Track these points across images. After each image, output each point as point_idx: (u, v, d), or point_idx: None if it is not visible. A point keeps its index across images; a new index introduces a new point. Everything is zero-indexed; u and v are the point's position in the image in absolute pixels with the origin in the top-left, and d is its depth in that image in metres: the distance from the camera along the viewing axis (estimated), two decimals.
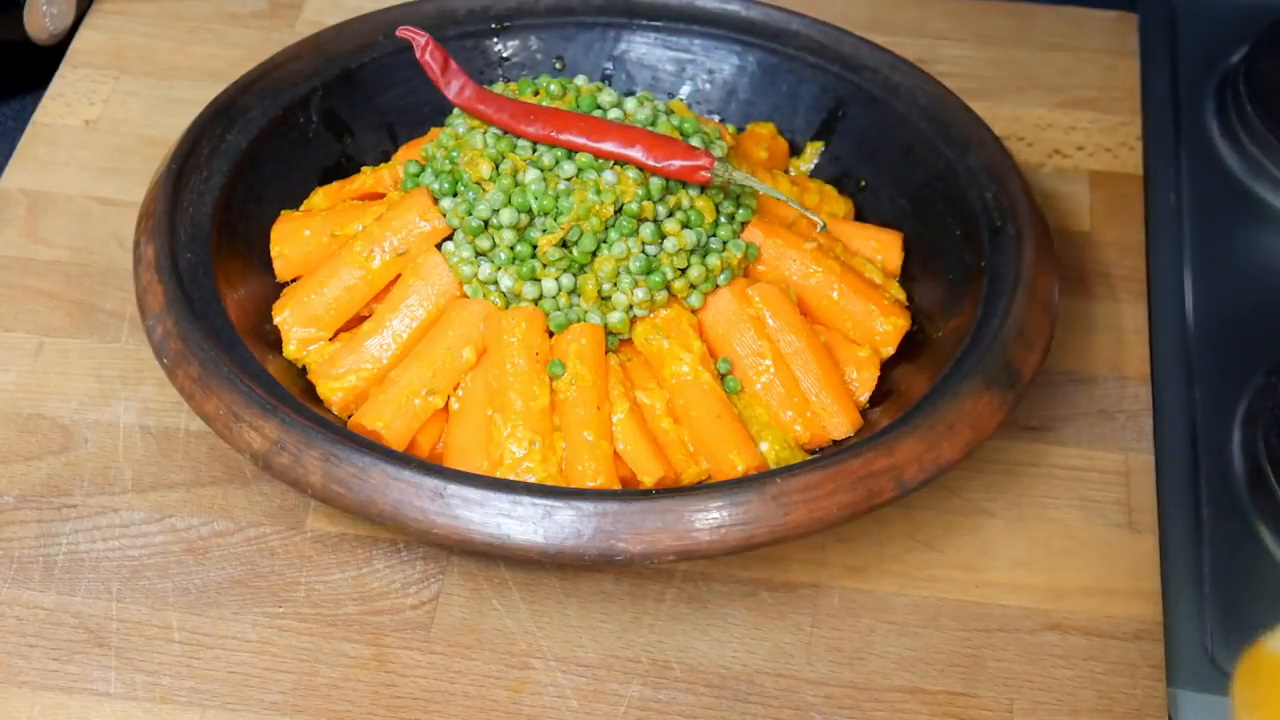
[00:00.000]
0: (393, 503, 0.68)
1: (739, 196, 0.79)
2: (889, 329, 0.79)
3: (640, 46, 0.89)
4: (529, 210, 0.76)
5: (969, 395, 0.72)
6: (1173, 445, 0.80)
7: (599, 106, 0.80)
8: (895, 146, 0.85)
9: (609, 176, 0.76)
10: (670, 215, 0.77)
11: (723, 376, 0.76)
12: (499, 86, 0.82)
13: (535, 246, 0.75)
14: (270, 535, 0.75)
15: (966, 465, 0.77)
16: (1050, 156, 0.93)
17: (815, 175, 0.87)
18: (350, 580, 0.74)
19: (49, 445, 0.78)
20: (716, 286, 0.77)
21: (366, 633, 0.72)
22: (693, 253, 0.77)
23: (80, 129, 0.92)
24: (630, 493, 0.69)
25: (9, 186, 0.89)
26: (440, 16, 0.87)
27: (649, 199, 0.76)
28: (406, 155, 0.83)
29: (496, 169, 0.77)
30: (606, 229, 0.76)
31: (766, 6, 0.88)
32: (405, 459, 0.69)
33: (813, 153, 0.87)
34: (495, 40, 0.88)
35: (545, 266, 0.75)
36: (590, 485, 0.72)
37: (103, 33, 0.98)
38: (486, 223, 0.76)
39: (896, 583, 0.75)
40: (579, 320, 0.75)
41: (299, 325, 0.78)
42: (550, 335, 0.75)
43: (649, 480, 0.73)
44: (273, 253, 0.81)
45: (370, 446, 0.70)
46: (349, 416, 0.76)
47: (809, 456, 0.76)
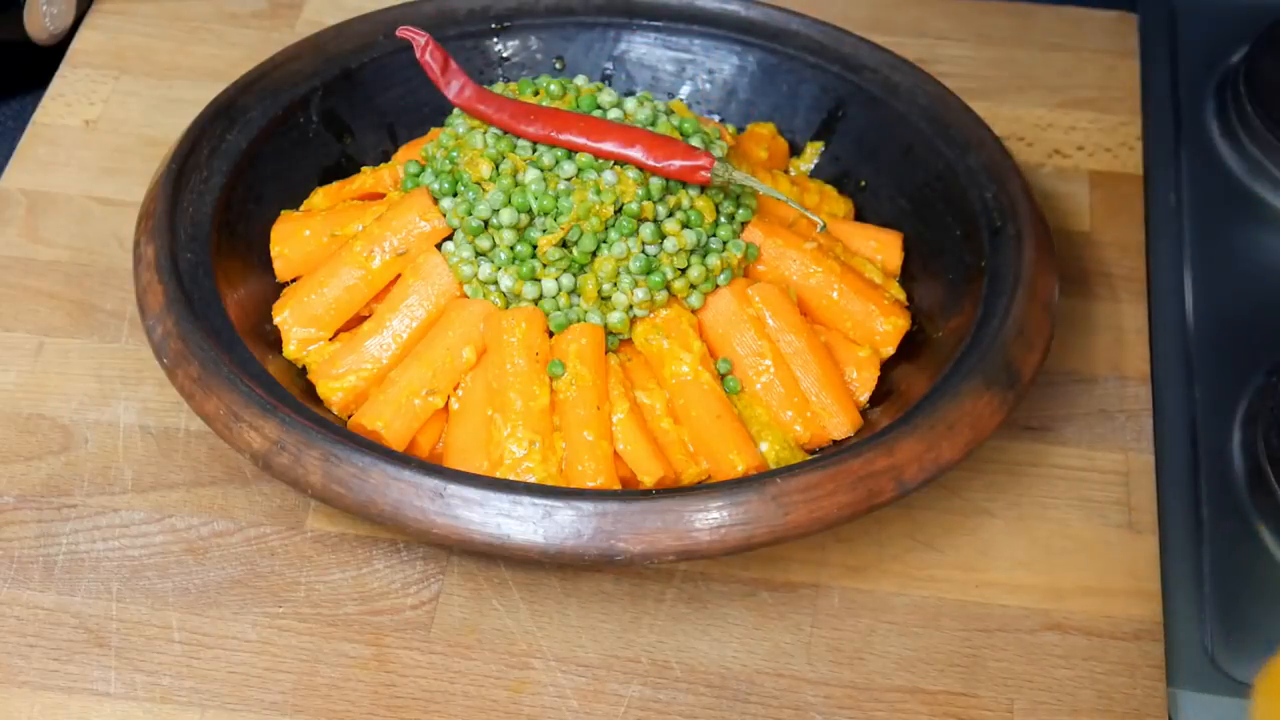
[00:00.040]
0: (393, 503, 0.68)
1: (739, 196, 0.79)
2: (889, 329, 0.79)
3: (640, 46, 0.89)
4: (529, 210, 0.76)
5: (969, 395, 0.72)
6: (1173, 445, 0.80)
7: (599, 106, 0.80)
8: (895, 146, 0.85)
9: (609, 176, 0.76)
10: (670, 215, 0.77)
11: (723, 376, 0.76)
12: (499, 86, 0.82)
13: (535, 246, 0.75)
14: (270, 535, 0.75)
15: (966, 465, 0.77)
16: (1050, 156, 0.93)
17: (815, 175, 0.87)
18: (350, 580, 0.74)
19: (49, 445, 0.78)
20: (716, 286, 0.77)
21: (366, 633, 0.72)
22: (693, 253, 0.77)
23: (80, 129, 0.92)
24: (630, 493, 0.69)
25: (9, 186, 0.89)
26: (440, 16, 0.87)
27: (649, 199, 0.76)
28: (406, 155, 0.83)
29: (496, 169, 0.77)
30: (606, 229, 0.76)
31: (766, 6, 0.88)
32: (405, 459, 0.69)
33: (813, 153, 0.87)
34: (495, 40, 0.88)
35: (545, 266, 0.75)
36: (590, 485, 0.72)
37: (103, 33, 0.98)
38: (486, 223, 0.76)
39: (896, 583, 0.75)
40: (579, 320, 0.75)
41: (299, 325, 0.78)
42: (550, 335, 0.75)
43: (649, 480, 0.73)
44: (273, 253, 0.81)
45: (370, 446, 0.70)
46: (349, 416, 0.76)
47: (809, 456, 0.76)
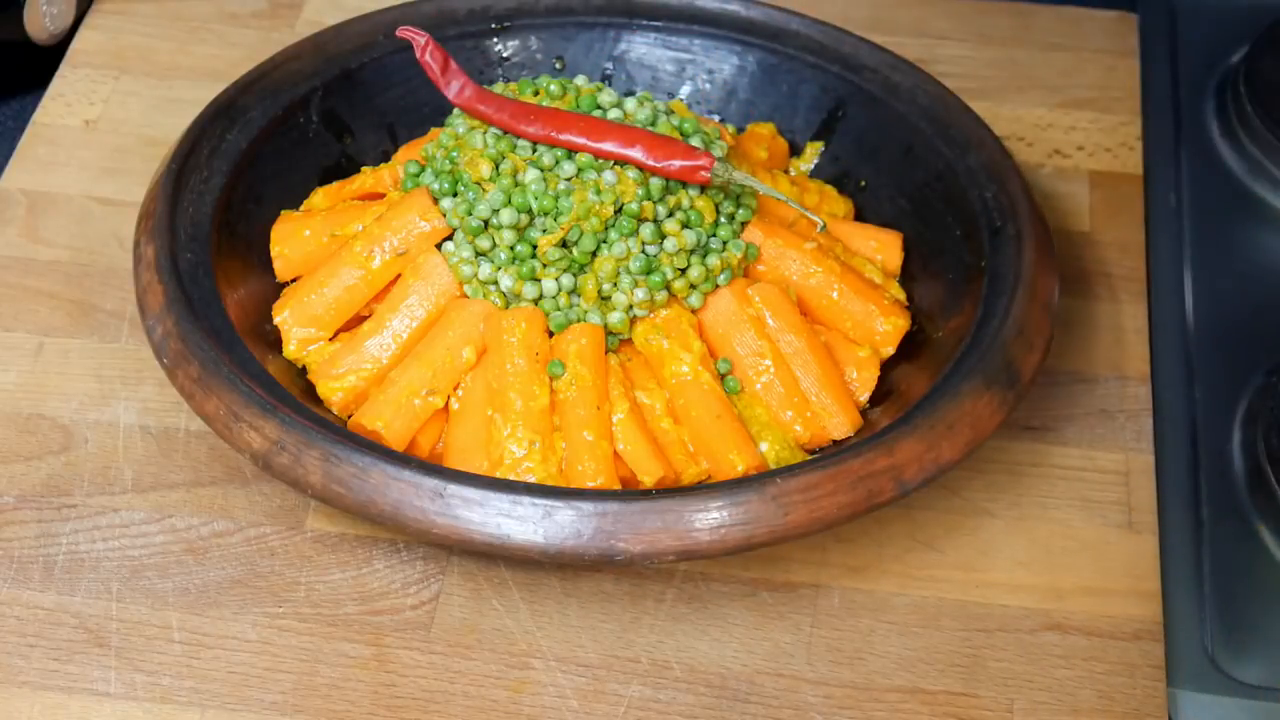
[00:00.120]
0: (393, 503, 0.68)
1: (739, 196, 0.79)
2: (889, 329, 0.79)
3: (640, 46, 0.89)
4: (529, 210, 0.76)
5: (969, 395, 0.72)
6: (1173, 445, 0.80)
7: (599, 106, 0.80)
8: (895, 146, 0.85)
9: (609, 176, 0.76)
10: (670, 215, 0.77)
11: (723, 376, 0.76)
12: (499, 86, 0.82)
13: (535, 246, 0.75)
14: (270, 535, 0.75)
15: (967, 465, 0.77)
16: (1050, 156, 0.93)
17: (815, 175, 0.87)
18: (350, 580, 0.74)
19: (49, 445, 0.78)
20: (716, 286, 0.77)
21: (366, 633, 0.72)
22: (693, 253, 0.77)
23: (80, 129, 0.92)
24: (630, 493, 0.69)
25: (9, 186, 0.89)
26: (440, 16, 0.87)
27: (649, 199, 0.76)
28: (406, 155, 0.83)
29: (496, 169, 0.77)
30: (606, 229, 0.76)
31: (766, 6, 0.88)
32: (405, 459, 0.69)
33: (813, 153, 0.87)
34: (495, 40, 0.88)
35: (545, 266, 0.75)
36: (590, 485, 0.72)
37: (103, 33, 0.98)
38: (486, 223, 0.76)
39: (896, 583, 0.75)
40: (579, 320, 0.75)
41: (299, 325, 0.78)
42: (550, 335, 0.75)
43: (649, 480, 0.73)
44: (273, 253, 0.81)
45: (370, 446, 0.70)
46: (349, 416, 0.76)
47: (809, 456, 0.76)
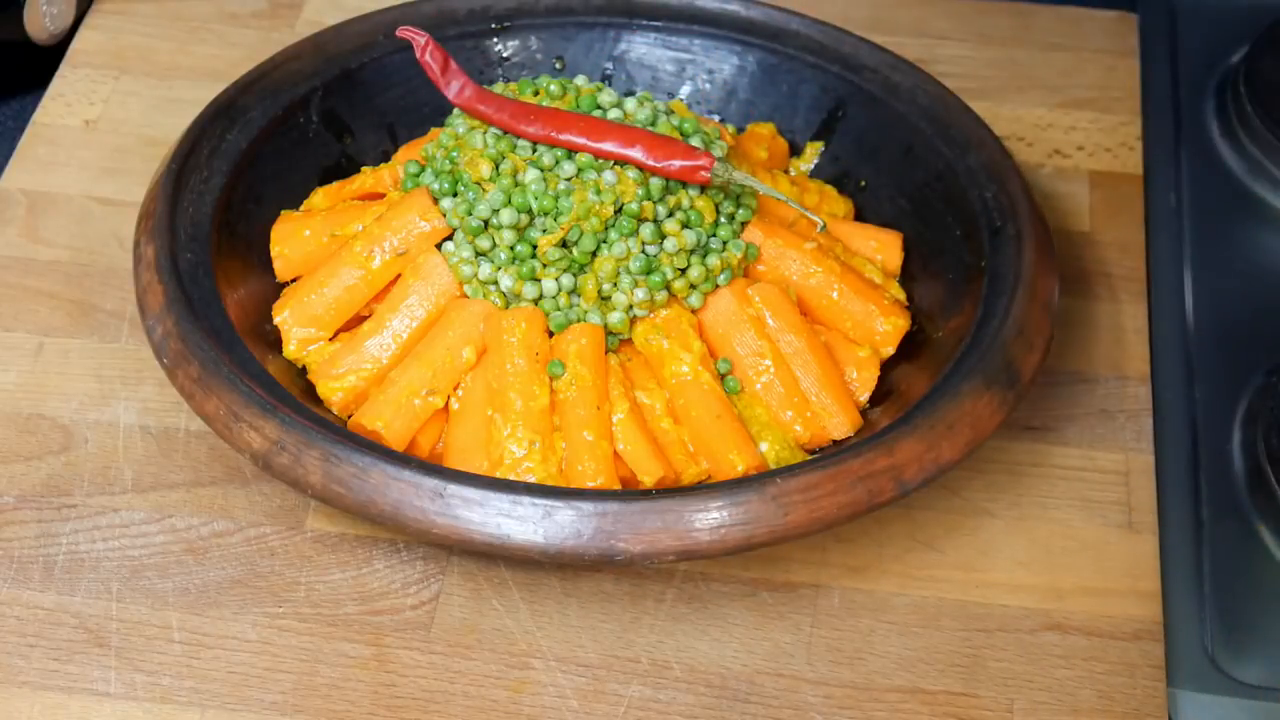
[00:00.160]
0: (393, 503, 0.68)
1: (739, 196, 0.79)
2: (889, 329, 0.79)
3: (640, 46, 0.89)
4: (529, 210, 0.76)
5: (969, 395, 0.72)
6: (1173, 445, 0.80)
7: (599, 106, 0.80)
8: (895, 146, 0.85)
9: (609, 176, 0.76)
10: (670, 215, 0.77)
11: (723, 376, 0.76)
12: (499, 86, 0.82)
13: (535, 246, 0.75)
14: (270, 535, 0.75)
15: (967, 465, 0.77)
16: (1050, 156, 0.93)
17: (815, 175, 0.87)
18: (350, 580, 0.74)
19: (49, 445, 0.78)
20: (716, 286, 0.77)
21: (366, 633, 0.72)
22: (693, 253, 0.77)
23: (80, 129, 0.92)
24: (630, 493, 0.69)
25: (9, 186, 0.89)
26: (440, 16, 0.87)
27: (649, 199, 0.76)
28: (406, 155, 0.83)
29: (496, 169, 0.77)
30: (606, 229, 0.76)
31: (766, 6, 0.88)
32: (405, 459, 0.69)
33: (813, 153, 0.87)
34: (495, 40, 0.88)
35: (545, 266, 0.75)
36: (590, 485, 0.72)
37: (103, 33, 0.98)
38: (486, 223, 0.76)
39: (896, 583, 0.75)
40: (579, 320, 0.75)
41: (299, 325, 0.78)
42: (550, 335, 0.75)
43: (649, 480, 0.73)
44: (273, 253, 0.81)
45: (370, 446, 0.70)
46: (349, 416, 0.76)
47: (809, 456, 0.76)
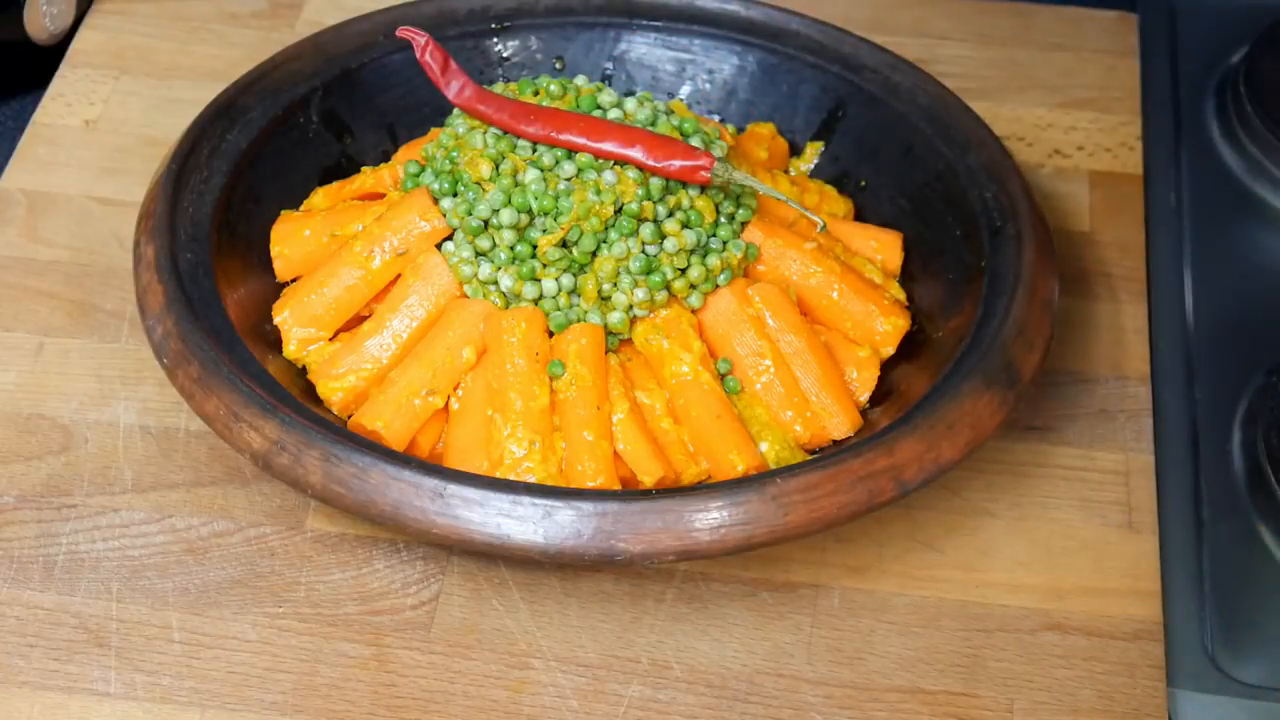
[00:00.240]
0: (393, 503, 0.68)
1: (739, 196, 0.79)
2: (889, 329, 0.79)
3: (640, 46, 0.89)
4: (529, 210, 0.76)
5: (969, 395, 0.72)
6: (1173, 445, 0.80)
7: (599, 106, 0.80)
8: (895, 146, 0.85)
9: (609, 176, 0.76)
10: (670, 215, 0.77)
11: (723, 376, 0.76)
12: (499, 86, 0.82)
13: (535, 246, 0.75)
14: (270, 535, 0.75)
15: (967, 465, 0.77)
16: (1050, 156, 0.93)
17: (815, 175, 0.87)
18: (350, 580, 0.74)
19: (49, 445, 0.78)
20: (716, 286, 0.77)
21: (366, 633, 0.72)
22: (693, 253, 0.77)
23: (80, 129, 0.92)
24: (630, 493, 0.69)
25: (9, 186, 0.89)
26: (440, 16, 0.87)
27: (649, 199, 0.76)
28: (406, 155, 0.83)
29: (496, 169, 0.77)
30: (606, 229, 0.76)
31: (766, 6, 0.88)
32: (405, 459, 0.69)
33: (813, 153, 0.87)
34: (495, 40, 0.88)
35: (545, 266, 0.75)
36: (590, 485, 0.72)
37: (103, 33, 0.98)
38: (486, 223, 0.76)
39: (896, 583, 0.75)
40: (579, 320, 0.75)
41: (299, 325, 0.78)
42: (550, 335, 0.75)
43: (649, 480, 0.73)
44: (273, 253, 0.81)
45: (370, 446, 0.70)
46: (349, 416, 0.76)
47: (809, 456, 0.76)
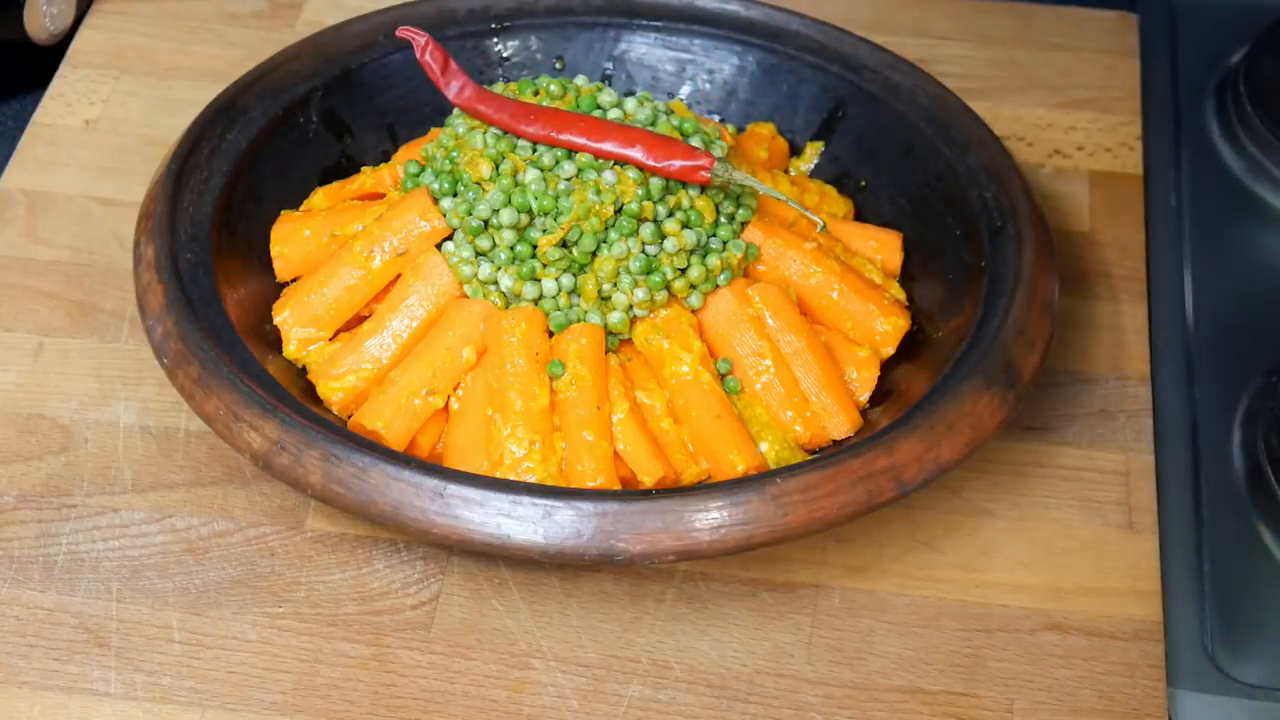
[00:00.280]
0: (393, 503, 0.68)
1: (739, 196, 0.79)
2: (889, 329, 0.79)
3: (640, 46, 0.89)
4: (529, 210, 0.76)
5: (969, 395, 0.72)
6: (1173, 445, 0.80)
7: (599, 106, 0.80)
8: (895, 146, 0.85)
9: (609, 176, 0.76)
10: (670, 215, 0.77)
11: (723, 376, 0.76)
12: (499, 86, 0.82)
13: (535, 246, 0.75)
14: (270, 535, 0.75)
15: (967, 465, 0.77)
16: (1050, 156, 0.93)
17: (815, 175, 0.87)
18: (350, 580, 0.74)
19: (49, 445, 0.78)
20: (716, 286, 0.77)
21: (366, 633, 0.72)
22: (693, 253, 0.77)
23: (80, 129, 0.92)
24: (630, 493, 0.69)
25: (9, 186, 0.89)
26: (440, 16, 0.87)
27: (649, 199, 0.76)
28: (406, 155, 0.83)
29: (496, 169, 0.77)
30: (606, 229, 0.76)
31: (766, 6, 0.88)
32: (405, 459, 0.69)
33: (813, 153, 0.87)
34: (495, 40, 0.88)
35: (545, 266, 0.75)
36: (590, 485, 0.72)
37: (103, 33, 0.98)
38: (486, 223, 0.76)
39: (896, 583, 0.75)
40: (579, 320, 0.75)
41: (299, 325, 0.78)
42: (550, 335, 0.75)
43: (649, 480, 0.73)
44: (273, 253, 0.81)
45: (370, 446, 0.70)
46: (349, 416, 0.76)
47: (809, 456, 0.76)
